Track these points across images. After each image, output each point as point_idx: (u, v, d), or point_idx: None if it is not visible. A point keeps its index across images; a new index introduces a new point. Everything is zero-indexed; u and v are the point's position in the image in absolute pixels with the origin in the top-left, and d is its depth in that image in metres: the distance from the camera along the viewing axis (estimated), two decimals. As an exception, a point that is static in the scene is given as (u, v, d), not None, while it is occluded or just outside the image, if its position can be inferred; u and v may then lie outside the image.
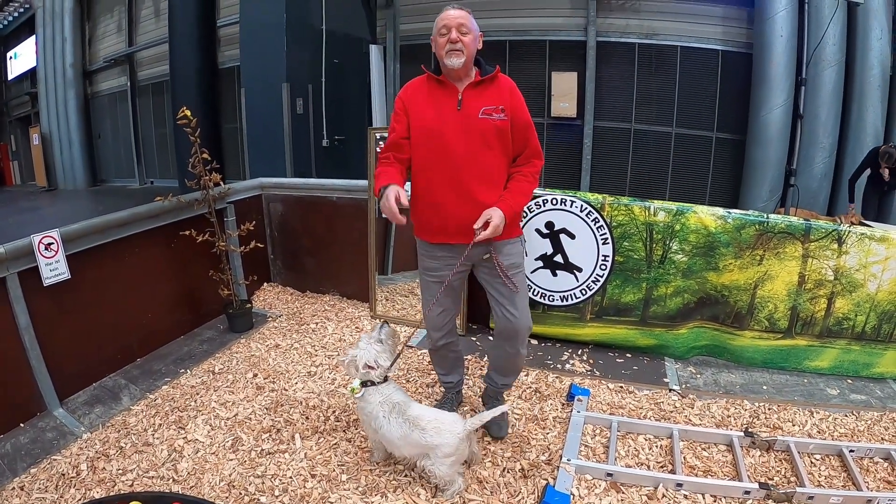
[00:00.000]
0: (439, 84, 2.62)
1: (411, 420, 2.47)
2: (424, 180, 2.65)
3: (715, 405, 3.38)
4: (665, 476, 2.66)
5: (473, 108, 2.56)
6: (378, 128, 4.35)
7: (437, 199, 2.62)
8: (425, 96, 2.65)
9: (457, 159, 2.55)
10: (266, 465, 2.80)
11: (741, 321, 3.79)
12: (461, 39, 2.49)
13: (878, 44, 7.56)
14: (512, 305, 2.75)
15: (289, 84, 8.33)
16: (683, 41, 8.82)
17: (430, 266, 2.80)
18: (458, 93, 2.58)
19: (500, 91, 2.60)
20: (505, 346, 2.86)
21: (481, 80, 2.58)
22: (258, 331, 4.41)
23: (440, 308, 2.84)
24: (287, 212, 5.09)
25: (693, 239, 3.67)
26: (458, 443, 2.42)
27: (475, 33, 2.57)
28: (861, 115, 7.68)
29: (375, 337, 2.69)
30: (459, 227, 2.58)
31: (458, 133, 2.55)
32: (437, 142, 2.57)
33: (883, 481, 2.75)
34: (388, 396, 2.56)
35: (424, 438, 2.43)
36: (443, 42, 2.52)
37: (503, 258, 2.69)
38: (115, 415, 3.31)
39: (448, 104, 2.58)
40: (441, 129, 2.56)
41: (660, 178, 9.37)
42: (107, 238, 3.67)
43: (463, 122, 2.55)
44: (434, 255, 2.76)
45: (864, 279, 3.60)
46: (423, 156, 2.63)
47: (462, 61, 2.52)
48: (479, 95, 2.58)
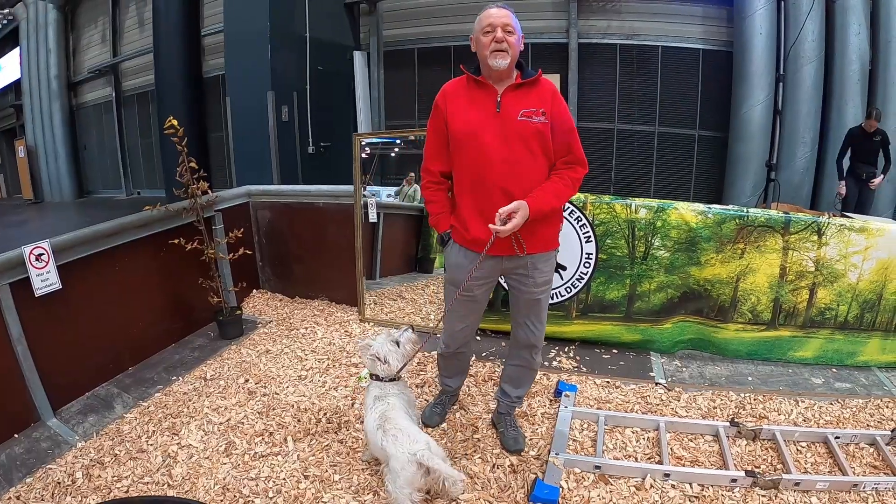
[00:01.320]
0: (478, 85, 2.54)
1: (383, 419, 2.45)
2: (463, 184, 2.59)
3: (701, 397, 3.43)
4: (653, 467, 2.71)
5: (513, 110, 2.47)
6: (363, 133, 4.39)
7: (477, 201, 2.55)
8: (464, 98, 2.56)
9: (495, 162, 2.47)
10: (259, 467, 2.82)
11: (725, 314, 3.86)
12: (506, 39, 2.41)
13: (856, 39, 7.65)
14: (537, 319, 2.76)
15: (274, 92, 8.35)
16: (664, 41, 8.89)
17: (454, 280, 2.72)
18: (498, 94, 2.49)
19: (542, 94, 2.52)
20: (523, 353, 2.88)
21: (522, 83, 2.50)
22: (248, 337, 4.43)
23: (463, 324, 2.84)
24: (274, 218, 5.12)
25: (675, 235, 3.73)
26: (405, 461, 2.27)
27: (519, 34, 2.49)
28: (841, 109, 7.77)
29: (394, 337, 2.72)
30: (473, 234, 2.56)
31: (497, 135, 2.46)
32: (474, 144, 2.49)
33: (869, 466, 2.81)
34: (386, 394, 2.58)
35: (382, 442, 2.38)
36: (487, 41, 2.43)
37: (537, 273, 2.65)
38: (108, 423, 3.32)
39: (487, 106, 2.50)
40: (479, 131, 2.48)
41: (644, 176, 9.44)
42: (97, 248, 3.69)
43: (501, 125, 2.47)
44: (461, 262, 2.65)
45: (845, 269, 3.68)
46: (462, 159, 2.56)
47: (507, 62, 2.43)
48: (520, 98, 2.49)
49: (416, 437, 2.34)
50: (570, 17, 9.13)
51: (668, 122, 9.16)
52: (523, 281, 2.67)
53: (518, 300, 2.75)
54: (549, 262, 2.70)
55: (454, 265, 2.70)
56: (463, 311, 2.78)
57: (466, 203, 2.58)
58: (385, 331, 2.79)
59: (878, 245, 3.62)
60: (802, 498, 2.56)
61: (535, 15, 9.37)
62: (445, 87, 2.64)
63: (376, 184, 4.56)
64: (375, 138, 4.73)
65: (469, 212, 2.57)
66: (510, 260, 2.60)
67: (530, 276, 2.64)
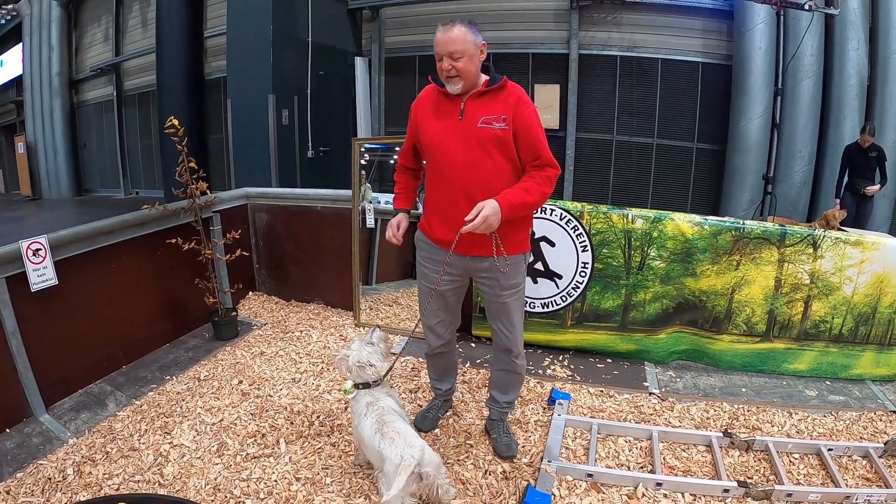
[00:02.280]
0: (445, 96, 2.62)
1: (381, 423, 2.43)
2: (432, 185, 2.70)
3: (694, 408, 3.44)
4: (645, 476, 2.72)
5: (475, 117, 2.53)
6: (362, 139, 4.40)
7: (441, 204, 2.66)
8: (432, 107, 2.67)
9: (457, 167, 2.55)
10: (251, 468, 2.82)
11: (719, 325, 3.87)
12: (454, 66, 2.46)
13: (854, 54, 7.72)
14: (507, 321, 2.79)
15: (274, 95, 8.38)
16: (664, 54, 8.96)
17: (425, 274, 2.84)
18: (462, 102, 2.56)
19: (506, 101, 2.55)
20: (503, 357, 2.90)
21: (486, 91, 2.55)
22: (243, 339, 4.43)
23: (437, 319, 2.91)
24: (272, 221, 5.12)
25: (671, 245, 3.74)
26: (398, 463, 2.24)
27: (470, 52, 2.47)
28: (839, 123, 7.84)
29: (367, 339, 2.73)
30: (446, 236, 2.62)
31: (459, 142, 2.54)
32: (439, 150, 2.60)
33: (861, 478, 2.82)
34: (377, 399, 2.57)
35: (380, 444, 2.36)
36: (439, 67, 2.51)
37: (503, 276, 2.67)
38: (101, 420, 3.32)
39: (451, 114, 2.58)
40: (442, 139, 2.58)
41: (641, 188, 9.47)
42: (94, 245, 3.68)
43: (464, 132, 2.54)
44: (432, 258, 2.77)
45: (840, 282, 3.70)
46: (431, 164, 2.69)
47: (459, 87, 2.51)
48: (482, 105, 2.55)
49: (412, 442, 2.32)
50: (571, 29, 9.19)
51: (666, 134, 9.21)
52: (490, 284, 2.73)
53: (489, 303, 2.82)
54: (518, 266, 2.74)
55: (423, 261, 2.84)
56: (436, 306, 2.85)
57: (432, 206, 2.72)
58: (355, 339, 2.79)
59: (873, 258, 3.64)
60: (794, 509, 2.57)
61: (536, 25, 9.44)
62: (420, 96, 2.77)
63: (374, 190, 4.57)
64: (375, 143, 4.75)
65: (434, 217, 2.71)
66: (474, 261, 2.67)
67: (496, 279, 2.69)
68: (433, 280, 2.75)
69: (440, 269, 2.69)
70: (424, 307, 2.86)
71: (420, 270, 2.88)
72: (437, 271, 2.71)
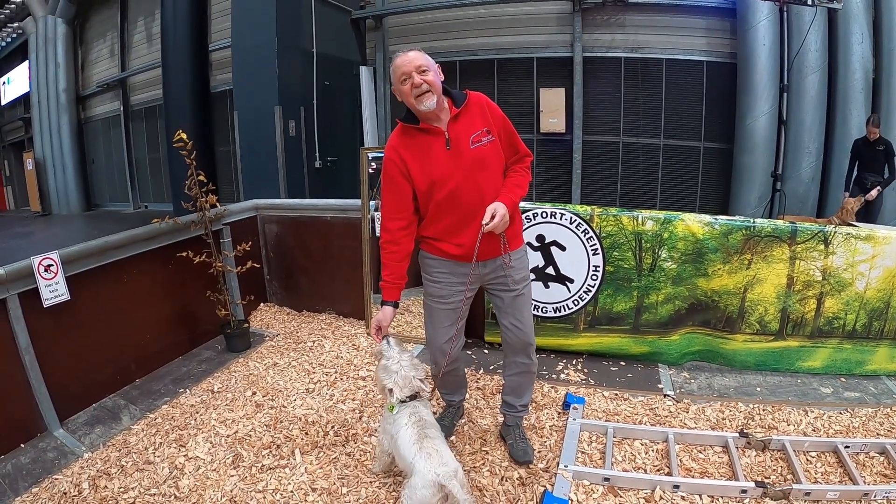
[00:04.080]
0: (423, 132, 2.55)
1: (422, 436, 2.40)
2: (436, 216, 2.62)
3: (710, 408, 3.42)
4: (662, 479, 2.70)
5: (463, 141, 2.51)
6: (370, 147, 4.41)
7: (451, 229, 2.61)
8: (417, 148, 2.57)
9: (463, 195, 2.52)
10: (267, 480, 2.82)
11: (732, 325, 3.85)
12: (424, 80, 2.44)
13: (859, 48, 7.70)
14: (520, 315, 2.79)
15: (281, 106, 8.43)
16: (668, 54, 8.96)
17: (439, 293, 2.76)
18: (444, 132, 2.52)
19: (480, 111, 2.57)
20: (516, 358, 2.89)
21: (459, 112, 2.53)
22: (256, 350, 4.44)
23: (447, 336, 2.80)
24: (282, 232, 5.14)
25: (681, 246, 3.73)
26: (428, 481, 2.22)
27: (434, 67, 2.51)
28: (845, 118, 7.80)
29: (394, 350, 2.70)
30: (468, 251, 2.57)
31: (457, 171, 2.51)
32: (441, 190, 2.53)
33: (879, 475, 2.80)
34: (418, 410, 2.54)
35: (415, 456, 2.34)
36: (407, 89, 2.46)
37: (513, 271, 2.71)
38: (115, 434, 3.33)
39: (437, 147, 2.53)
40: (441, 176, 2.52)
41: (650, 189, 9.46)
42: (105, 260, 3.71)
43: (457, 159, 2.51)
44: (449, 272, 2.71)
45: (853, 278, 3.67)
46: (434, 204, 2.58)
47: (434, 100, 2.45)
48: (463, 126, 2.53)
49: (447, 461, 2.31)
50: (575, 32, 9.19)
51: (673, 135, 9.20)
52: (502, 282, 2.73)
53: (502, 303, 2.80)
54: (523, 259, 2.80)
55: (436, 278, 2.76)
56: (448, 322, 2.78)
57: (441, 232, 2.65)
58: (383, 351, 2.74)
59: (884, 253, 3.62)
60: (813, 508, 2.55)
61: (539, 29, 9.46)
62: (393, 142, 2.63)
63: (381, 198, 4.58)
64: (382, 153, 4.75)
65: (446, 240, 2.64)
66: (485, 265, 2.67)
67: (508, 275, 2.70)
68: (451, 294, 2.73)
69: (456, 281, 2.69)
70: (441, 326, 2.80)
71: (431, 290, 2.80)
72: (454, 284, 2.71)
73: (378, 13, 10.22)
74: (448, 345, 2.80)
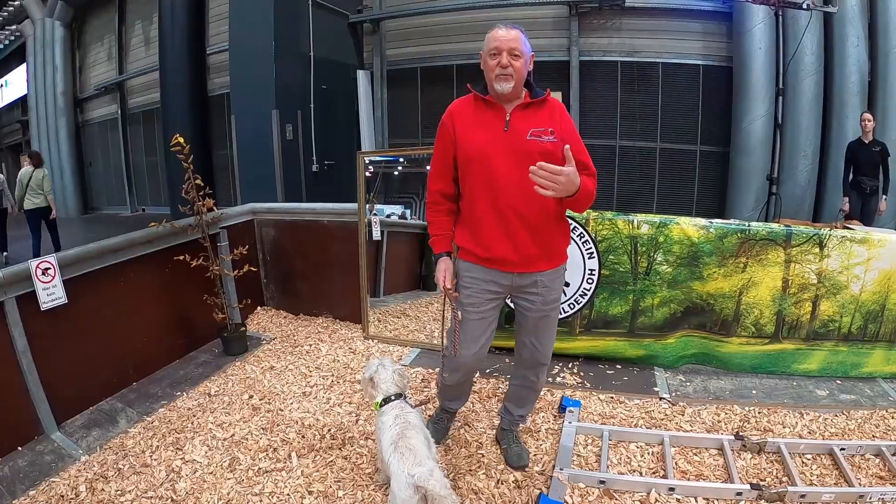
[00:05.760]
0: (486, 104, 2.49)
1: (400, 436, 2.35)
2: (480, 204, 2.50)
3: (705, 411, 3.43)
4: (657, 481, 2.71)
5: (522, 129, 2.42)
6: (367, 152, 4.42)
7: (484, 225, 2.50)
8: (472, 118, 2.51)
9: (505, 182, 2.41)
10: (263, 483, 2.83)
11: (728, 328, 3.86)
12: (512, 64, 2.37)
13: (854, 51, 7.72)
14: (542, 337, 2.70)
15: (278, 110, 8.43)
16: (664, 57, 8.97)
17: (468, 300, 2.61)
18: (506, 113, 2.45)
19: (551, 114, 2.48)
20: (527, 373, 2.84)
21: (531, 102, 2.47)
22: (253, 353, 4.44)
23: (476, 347, 2.66)
24: (279, 236, 5.15)
25: (677, 250, 3.74)
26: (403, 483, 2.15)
27: (526, 56, 2.44)
28: (841, 121, 7.82)
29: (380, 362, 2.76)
30: (505, 255, 2.49)
31: (505, 155, 2.41)
32: (484, 164, 2.43)
33: (875, 477, 2.81)
34: (405, 413, 2.52)
35: (390, 458, 2.28)
36: (493, 65, 2.40)
37: (547, 291, 2.59)
38: (112, 437, 3.33)
39: (495, 125, 2.45)
40: (488, 151, 2.42)
41: (646, 192, 9.47)
42: (103, 263, 3.72)
43: (510, 144, 2.41)
44: (488, 280, 2.57)
45: (848, 281, 3.69)
46: (471, 180, 2.50)
47: (511, 86, 2.39)
48: (528, 117, 2.45)
49: (421, 461, 2.22)
50: (572, 35, 9.21)
51: (669, 138, 9.21)
52: (532, 299, 2.60)
53: (526, 319, 2.67)
54: (560, 279, 2.66)
55: (472, 285, 2.60)
56: (477, 332, 2.64)
57: (488, 223, 2.49)
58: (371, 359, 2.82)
59: (880, 256, 3.64)
60: (808, 510, 2.57)
61: (536, 33, 9.45)
62: (452, 107, 2.59)
63: (380, 202, 4.59)
64: (379, 156, 4.77)
65: (491, 232, 2.49)
66: (521, 277, 2.54)
67: (540, 294, 2.58)
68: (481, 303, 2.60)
69: (487, 288, 2.58)
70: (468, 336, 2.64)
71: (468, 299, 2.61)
72: (485, 292, 2.58)
73: (375, 17, 10.24)
74: (474, 359, 2.70)
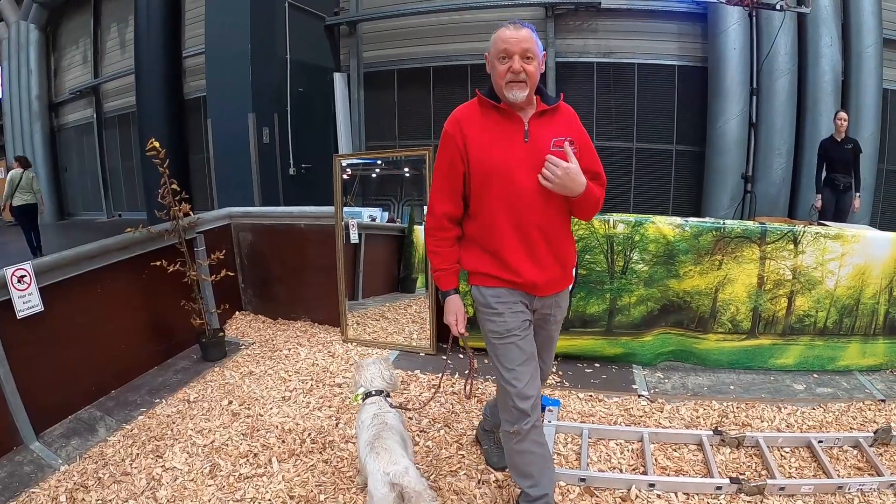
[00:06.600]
0: (499, 112, 2.20)
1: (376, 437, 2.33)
2: (490, 226, 2.23)
3: (684, 407, 3.46)
4: (637, 478, 2.73)
5: (542, 139, 2.16)
6: (343, 154, 4.42)
7: (507, 247, 2.21)
8: (483, 126, 2.20)
9: (526, 200, 2.15)
10: (245, 489, 2.81)
11: (705, 325, 3.91)
12: (525, 69, 2.09)
13: (828, 50, 7.88)
14: (547, 357, 2.55)
15: (255, 113, 8.38)
16: (640, 58, 9.05)
17: (505, 327, 2.27)
18: (524, 123, 2.18)
19: (568, 121, 2.28)
20: None
21: (546, 110, 2.22)
22: (232, 359, 4.42)
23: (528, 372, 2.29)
24: (256, 240, 5.12)
25: (653, 248, 3.78)
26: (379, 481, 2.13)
27: (539, 57, 2.16)
28: (815, 120, 7.98)
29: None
30: (535, 279, 2.23)
31: (529, 170, 2.14)
32: (506, 180, 2.15)
33: (853, 468, 2.86)
34: (384, 413, 2.52)
35: (366, 458, 2.26)
36: (502, 70, 2.11)
37: (559, 312, 2.43)
38: (91, 446, 3.30)
39: (513, 135, 2.18)
40: (509, 165, 2.14)
41: (623, 192, 9.52)
42: (79, 270, 3.68)
43: (533, 157, 2.14)
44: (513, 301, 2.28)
45: (823, 276, 3.75)
46: (489, 199, 2.20)
47: (525, 94, 2.12)
48: (546, 125, 2.20)
49: (397, 460, 2.19)
50: (548, 37, 9.25)
51: (645, 138, 9.29)
52: (546, 319, 2.42)
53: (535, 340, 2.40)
54: (567, 298, 2.50)
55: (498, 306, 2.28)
56: (522, 358, 2.27)
57: (511, 245, 2.21)
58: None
59: (854, 251, 3.70)
60: (788, 502, 2.61)
61: (513, 34, 9.47)
62: (458, 114, 2.28)
63: (357, 205, 4.58)
64: (356, 159, 4.77)
65: (515, 255, 2.21)
66: (542, 300, 2.33)
67: (552, 315, 2.42)
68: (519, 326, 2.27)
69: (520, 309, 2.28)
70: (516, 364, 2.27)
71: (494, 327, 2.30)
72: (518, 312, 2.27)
73: (352, 19, 10.22)
74: (534, 387, 2.30)
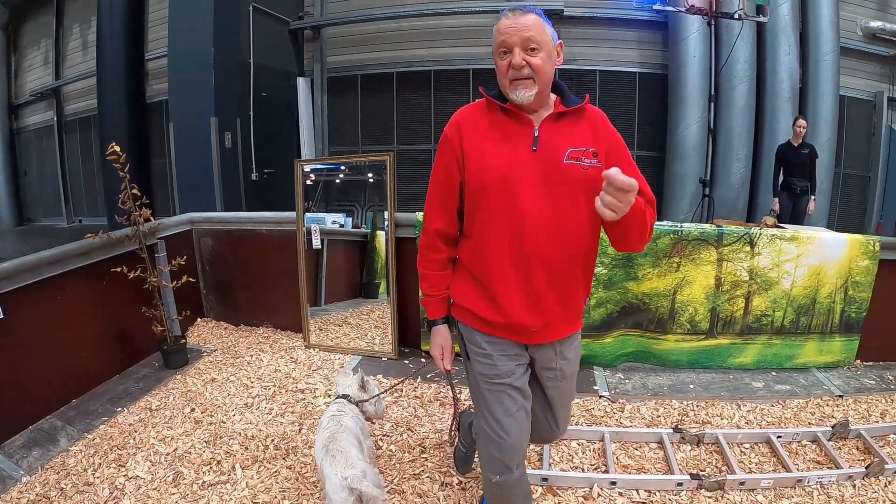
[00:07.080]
0: (506, 114, 1.88)
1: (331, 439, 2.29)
2: (481, 249, 1.92)
3: (644, 407, 3.53)
4: (599, 476, 2.79)
5: (556, 148, 1.82)
6: (305, 160, 4.41)
7: (495, 277, 1.90)
8: (487, 131, 1.89)
9: (530, 223, 1.81)
10: (208, 496, 2.79)
11: (664, 326, 3.99)
12: (529, 62, 1.76)
13: (786, 58, 8.11)
14: (560, 413, 2.20)
15: (217, 118, 8.30)
16: (602, 65, 9.17)
17: (494, 371, 1.98)
18: (534, 128, 1.85)
19: (592, 127, 1.90)
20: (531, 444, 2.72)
21: (565, 112, 1.88)
22: (194, 366, 4.36)
23: (518, 424, 2.00)
24: (217, 246, 5.08)
25: (611, 251, 3.84)
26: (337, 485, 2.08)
27: (550, 46, 1.81)
28: (773, 126, 8.20)
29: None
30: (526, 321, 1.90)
31: (534, 184, 1.81)
32: (505, 196, 1.83)
33: (812, 461, 2.96)
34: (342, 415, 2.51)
35: (322, 461, 2.21)
36: (503, 67, 1.80)
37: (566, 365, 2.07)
38: (53, 456, 3.23)
39: (520, 143, 1.84)
40: (510, 177, 1.81)
41: (586, 197, 9.62)
42: (39, 276, 3.61)
43: (541, 169, 1.81)
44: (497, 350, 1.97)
45: (779, 277, 3.86)
46: (483, 217, 1.89)
47: (533, 93, 1.79)
48: (563, 132, 1.86)
49: (353, 463, 2.16)
50: (512, 43, 9.30)
51: (608, 143, 9.38)
52: (554, 372, 2.07)
53: (541, 392, 2.15)
54: (577, 348, 2.12)
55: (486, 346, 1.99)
56: (513, 408, 1.98)
57: (504, 276, 1.89)
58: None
59: (809, 252, 3.82)
60: (748, 497, 2.68)
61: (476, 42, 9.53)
62: (459, 116, 1.96)
63: (321, 210, 4.57)
64: (318, 164, 4.76)
65: (507, 288, 1.89)
66: (538, 349, 2.02)
67: (558, 370, 2.06)
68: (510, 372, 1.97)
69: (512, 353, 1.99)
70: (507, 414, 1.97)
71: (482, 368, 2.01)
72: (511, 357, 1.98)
73: (316, 24, 10.17)
74: (524, 439, 2.06)
